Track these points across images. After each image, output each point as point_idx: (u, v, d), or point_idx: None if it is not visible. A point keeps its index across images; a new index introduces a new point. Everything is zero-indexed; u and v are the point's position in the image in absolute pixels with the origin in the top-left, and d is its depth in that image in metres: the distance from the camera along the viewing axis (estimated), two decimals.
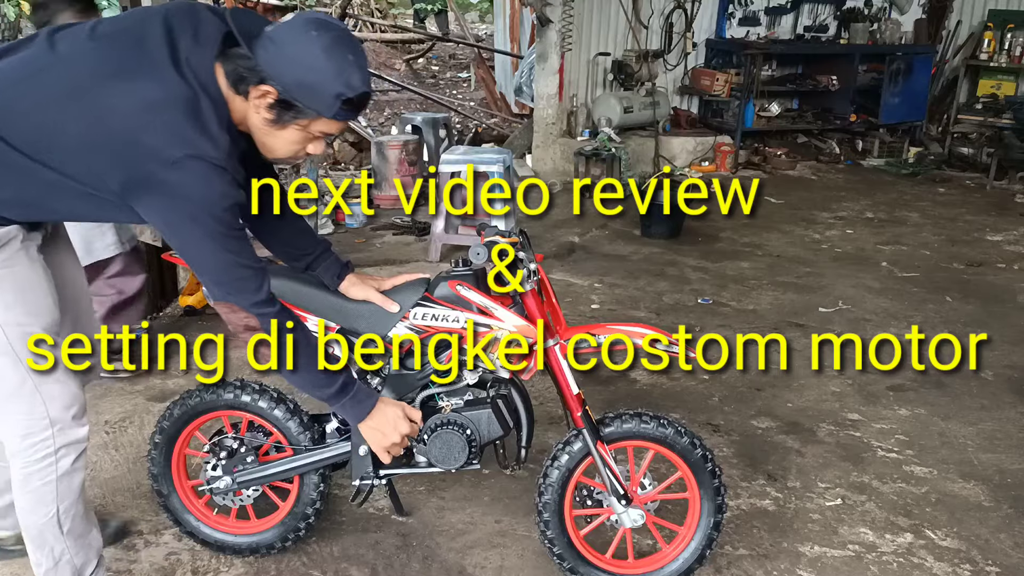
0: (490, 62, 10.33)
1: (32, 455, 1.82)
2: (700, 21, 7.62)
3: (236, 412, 2.19)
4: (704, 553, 2.14)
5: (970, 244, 5.35)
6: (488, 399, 2.08)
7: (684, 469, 2.10)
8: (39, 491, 1.86)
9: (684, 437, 2.07)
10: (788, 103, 8.10)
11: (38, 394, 1.80)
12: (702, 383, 3.37)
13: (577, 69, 7.21)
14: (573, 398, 2.04)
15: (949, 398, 3.29)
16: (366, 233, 5.39)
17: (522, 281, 1.93)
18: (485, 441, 2.09)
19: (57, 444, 1.83)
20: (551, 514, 2.12)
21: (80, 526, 1.94)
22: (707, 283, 4.59)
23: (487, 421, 2.06)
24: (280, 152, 1.73)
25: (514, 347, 1.97)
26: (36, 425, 1.81)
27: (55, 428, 1.82)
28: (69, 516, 1.91)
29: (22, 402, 1.80)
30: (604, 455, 2.05)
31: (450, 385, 2.08)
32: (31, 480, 1.84)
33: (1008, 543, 2.43)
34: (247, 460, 2.17)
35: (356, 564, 2.28)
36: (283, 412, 2.15)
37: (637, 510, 2.09)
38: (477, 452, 2.09)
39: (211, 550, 2.29)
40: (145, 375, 3.29)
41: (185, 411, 2.18)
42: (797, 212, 6.12)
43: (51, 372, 1.82)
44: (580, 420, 2.04)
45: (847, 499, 2.62)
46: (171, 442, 2.21)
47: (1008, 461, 2.85)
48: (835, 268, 4.86)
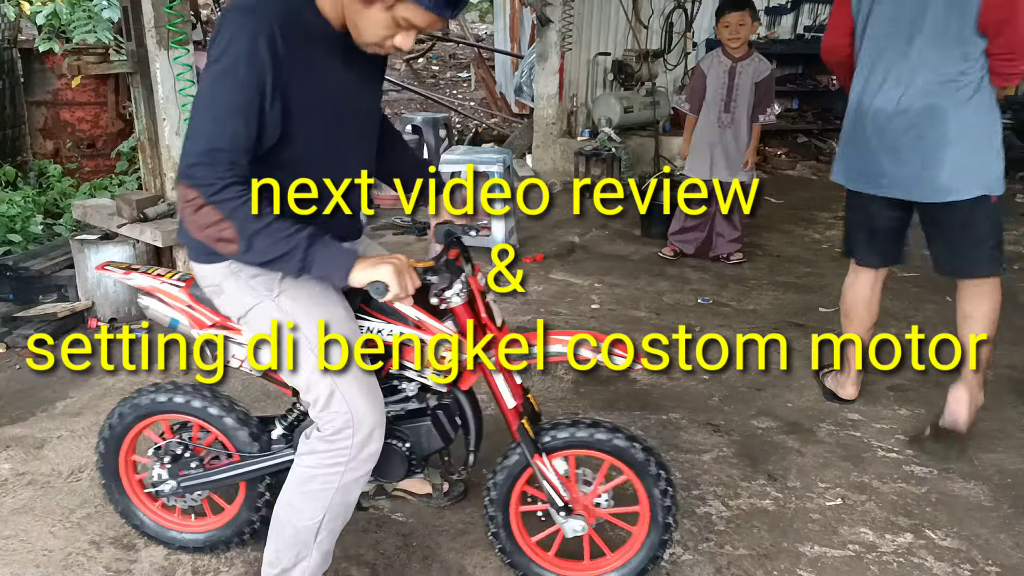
0: (490, 62, 10.33)
1: (325, 459, 1.83)
2: (700, 21, 7.63)
3: (183, 416, 2.17)
4: (654, 558, 2.12)
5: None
6: (428, 410, 2.05)
7: (629, 472, 2.06)
8: (316, 494, 1.85)
9: (621, 440, 2.03)
10: (788, 103, 8.11)
11: (346, 402, 1.81)
12: (702, 383, 3.37)
13: (577, 69, 7.22)
14: (508, 412, 2.02)
15: None
16: (366, 233, 5.37)
17: (455, 294, 1.88)
18: (425, 453, 2.08)
19: (353, 455, 1.82)
20: (499, 527, 2.14)
21: (330, 542, 1.94)
22: (707, 283, 4.60)
23: (427, 434, 2.04)
24: (367, 35, 1.68)
25: (446, 361, 1.93)
26: (343, 431, 1.81)
27: (356, 438, 1.82)
28: (329, 529, 1.90)
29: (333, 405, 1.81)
30: (542, 467, 2.03)
31: (388, 397, 2.03)
32: (312, 482, 1.85)
33: (1008, 543, 2.43)
34: (191, 466, 2.16)
35: (356, 564, 2.28)
36: (231, 419, 2.13)
37: (579, 520, 2.07)
38: (418, 463, 2.08)
39: (165, 547, 2.30)
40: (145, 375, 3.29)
41: (135, 414, 2.18)
42: (797, 212, 6.12)
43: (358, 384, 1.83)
44: (516, 433, 2.03)
45: (847, 499, 2.62)
46: (117, 446, 2.22)
47: (1008, 461, 2.85)
48: (835, 268, 4.85)
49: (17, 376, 3.41)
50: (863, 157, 2.86)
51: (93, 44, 4.65)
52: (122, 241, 3.91)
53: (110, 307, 3.89)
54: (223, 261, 1.82)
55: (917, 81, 2.65)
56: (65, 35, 5.24)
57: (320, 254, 1.64)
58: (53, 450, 2.82)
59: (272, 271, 1.76)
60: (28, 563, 2.27)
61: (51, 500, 2.55)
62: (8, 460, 2.77)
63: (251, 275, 1.83)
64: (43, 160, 5.99)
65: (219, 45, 1.60)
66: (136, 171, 5.45)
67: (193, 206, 1.59)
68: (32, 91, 5.98)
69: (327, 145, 1.80)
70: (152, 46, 3.81)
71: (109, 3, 4.92)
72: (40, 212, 5.04)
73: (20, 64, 5.98)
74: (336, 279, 1.68)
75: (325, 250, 1.65)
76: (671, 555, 2.34)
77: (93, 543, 2.36)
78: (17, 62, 5.96)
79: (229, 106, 1.59)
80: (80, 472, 2.69)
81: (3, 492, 2.59)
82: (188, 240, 1.87)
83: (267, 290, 1.83)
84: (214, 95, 1.61)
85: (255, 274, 1.82)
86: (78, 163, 6.01)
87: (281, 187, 1.75)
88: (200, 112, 1.62)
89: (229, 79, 1.59)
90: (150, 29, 3.79)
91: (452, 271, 1.89)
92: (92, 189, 5.58)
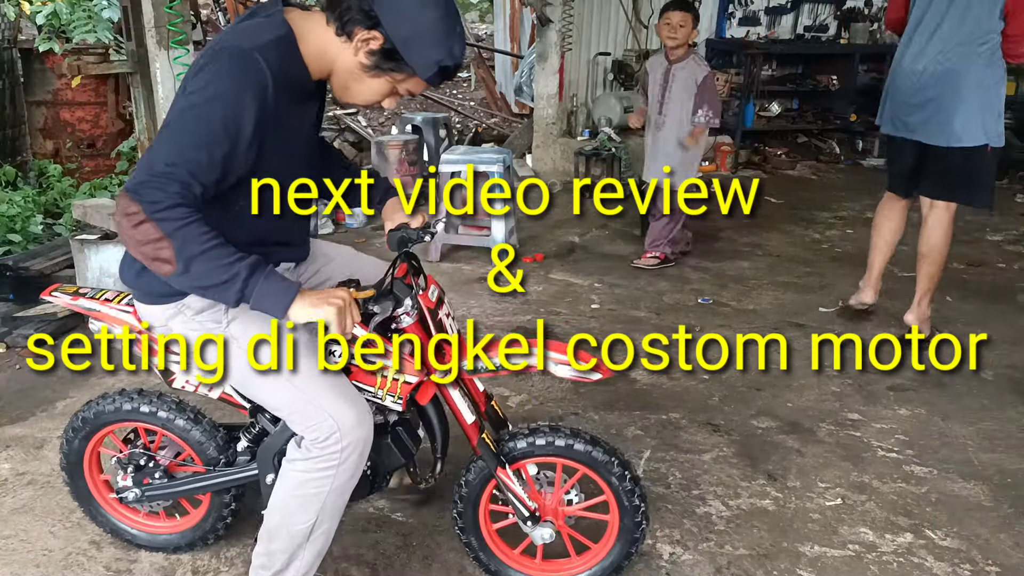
0: (490, 62, 10.33)
1: (318, 463, 1.82)
2: (700, 21, 7.61)
3: (148, 425, 2.16)
4: (628, 554, 2.12)
5: (970, 244, 5.35)
6: (388, 427, 2.01)
7: (592, 475, 2.06)
8: (311, 497, 1.85)
9: (580, 444, 2.02)
10: (788, 103, 8.10)
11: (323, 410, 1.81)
12: (702, 383, 3.37)
13: (577, 69, 7.21)
14: (468, 427, 2.02)
15: (949, 398, 3.29)
16: (366, 233, 5.40)
17: (404, 314, 1.87)
18: (387, 470, 2.08)
19: (344, 457, 1.82)
20: (470, 535, 2.16)
21: (322, 543, 1.94)
22: (707, 283, 4.59)
23: (387, 452, 2.01)
24: (360, 97, 1.75)
25: (401, 383, 1.90)
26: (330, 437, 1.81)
27: (344, 442, 1.81)
28: (322, 530, 1.91)
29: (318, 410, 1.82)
30: (504, 479, 2.04)
31: None
32: (306, 486, 1.85)
33: (1008, 543, 2.43)
34: (155, 476, 2.16)
35: (356, 564, 2.28)
36: (198, 431, 2.12)
37: (547, 528, 2.07)
38: (381, 479, 2.09)
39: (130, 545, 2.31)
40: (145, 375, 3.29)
41: (97, 420, 2.17)
42: (797, 212, 6.12)
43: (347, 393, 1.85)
44: (475, 446, 2.03)
45: (847, 499, 2.62)
46: (80, 456, 2.22)
47: (1008, 461, 2.85)
48: (835, 268, 4.86)
49: (17, 376, 3.41)
50: (897, 107, 3.64)
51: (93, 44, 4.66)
52: (122, 241, 3.90)
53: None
54: (168, 303, 1.83)
55: (943, 50, 3.42)
56: (65, 35, 5.25)
57: (260, 287, 1.59)
58: (53, 450, 2.82)
59: (211, 300, 1.74)
60: (28, 563, 2.28)
61: (51, 500, 2.55)
62: (8, 460, 2.77)
63: (196, 311, 1.82)
64: (43, 160, 5.99)
65: (202, 78, 1.59)
66: None
67: (133, 221, 1.54)
68: (32, 91, 5.98)
69: (281, 177, 1.79)
70: (152, 46, 3.82)
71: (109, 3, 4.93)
72: (40, 212, 5.04)
73: (20, 64, 5.98)
74: (275, 313, 1.63)
75: (266, 282, 1.60)
76: (671, 555, 2.34)
77: (93, 543, 2.36)
78: (17, 62, 5.96)
79: (195, 140, 1.57)
80: None
81: (3, 492, 2.59)
82: (130, 281, 1.87)
83: (215, 323, 1.82)
84: (183, 124, 1.59)
85: (200, 309, 1.81)
86: (78, 163, 6.01)
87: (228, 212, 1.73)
88: (163, 137, 1.60)
89: (203, 115, 1.57)
90: (150, 29, 3.79)
91: (398, 293, 1.86)
92: (92, 189, 5.58)
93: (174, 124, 1.60)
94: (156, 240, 1.54)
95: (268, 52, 1.60)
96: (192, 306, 1.81)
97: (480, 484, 2.11)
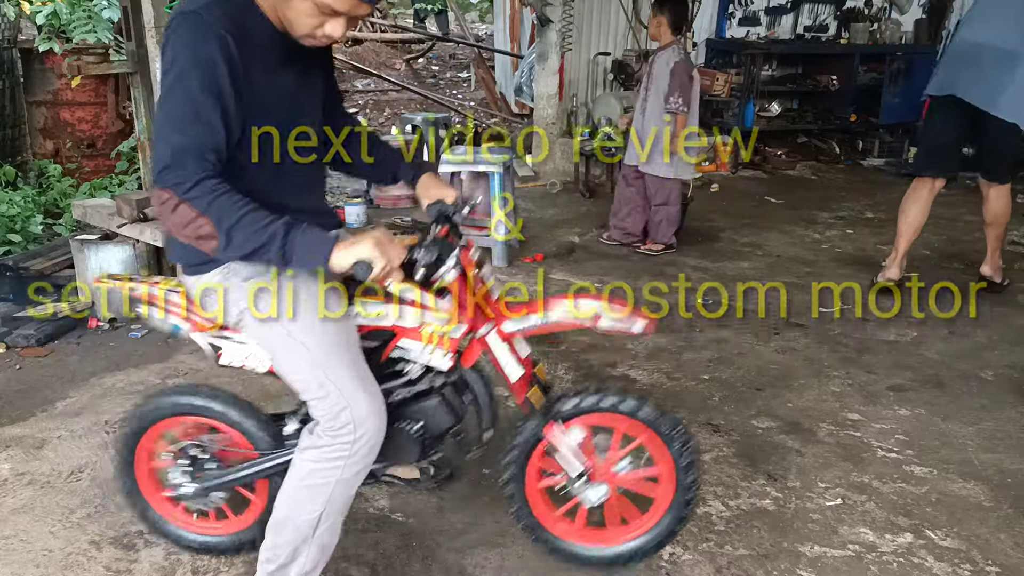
0: (490, 62, 10.33)
1: (327, 453, 1.83)
2: (700, 21, 7.62)
3: (201, 419, 2.16)
4: (680, 519, 2.12)
5: (970, 244, 5.34)
6: (436, 389, 2.03)
7: (647, 436, 2.04)
8: (317, 488, 1.86)
9: (631, 402, 2.02)
10: (788, 103, 8.11)
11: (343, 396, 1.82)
12: (702, 383, 3.37)
13: (577, 69, 7.22)
14: (513, 384, 2.02)
15: (949, 398, 3.29)
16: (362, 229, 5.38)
17: (447, 270, 1.87)
18: (437, 432, 2.05)
19: (354, 448, 1.83)
20: (518, 503, 2.14)
21: (328, 536, 1.95)
22: (707, 283, 4.59)
23: (435, 413, 2.01)
24: (298, 28, 1.69)
25: (447, 339, 1.92)
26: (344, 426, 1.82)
27: (358, 432, 1.82)
28: (328, 523, 1.91)
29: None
30: (555, 436, 2.03)
31: (394, 382, 2.02)
32: (313, 476, 1.85)
33: (1008, 543, 2.43)
34: (208, 467, 2.16)
35: (356, 564, 2.28)
36: (250, 421, 2.12)
37: (600, 487, 2.06)
38: (432, 443, 2.06)
39: (199, 554, 2.28)
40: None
41: (143, 420, 2.16)
42: (797, 212, 6.12)
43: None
44: (523, 404, 2.03)
45: (847, 499, 2.62)
46: (131, 455, 2.20)
47: (1008, 461, 2.85)
48: (835, 268, 4.86)
49: (17, 376, 3.41)
50: (953, 70, 4.01)
51: (93, 44, 4.65)
52: (122, 241, 3.90)
53: (110, 307, 3.88)
54: (213, 269, 1.84)
55: (1006, 35, 3.81)
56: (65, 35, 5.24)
57: (299, 241, 1.63)
58: (53, 450, 2.82)
59: (257, 264, 1.76)
60: (28, 563, 2.28)
61: (51, 500, 2.55)
62: (8, 460, 2.77)
63: (243, 278, 1.84)
64: (43, 160, 5.98)
65: (167, 58, 1.62)
66: (136, 171, 5.46)
67: (169, 207, 1.61)
68: (32, 91, 5.98)
69: (280, 146, 1.80)
70: (152, 46, 3.81)
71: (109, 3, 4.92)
72: (40, 212, 5.04)
73: (20, 64, 5.97)
74: (317, 263, 1.65)
75: (303, 236, 1.64)
76: (671, 555, 2.34)
77: (93, 543, 2.36)
78: (17, 62, 5.96)
79: (185, 113, 1.60)
80: (80, 472, 2.69)
81: (3, 492, 2.59)
82: (175, 253, 1.90)
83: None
84: (172, 105, 1.62)
85: (248, 276, 1.83)
86: (78, 163, 6.01)
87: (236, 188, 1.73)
88: (160, 124, 1.64)
89: (183, 89, 1.60)
90: (150, 29, 3.79)
91: (441, 247, 1.87)
92: (92, 189, 5.58)
93: (164, 108, 1.64)
94: (194, 219, 1.60)
95: (212, 9, 1.61)
96: (239, 272, 1.83)
97: (527, 446, 2.08)
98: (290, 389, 1.91)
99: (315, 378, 1.82)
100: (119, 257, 3.85)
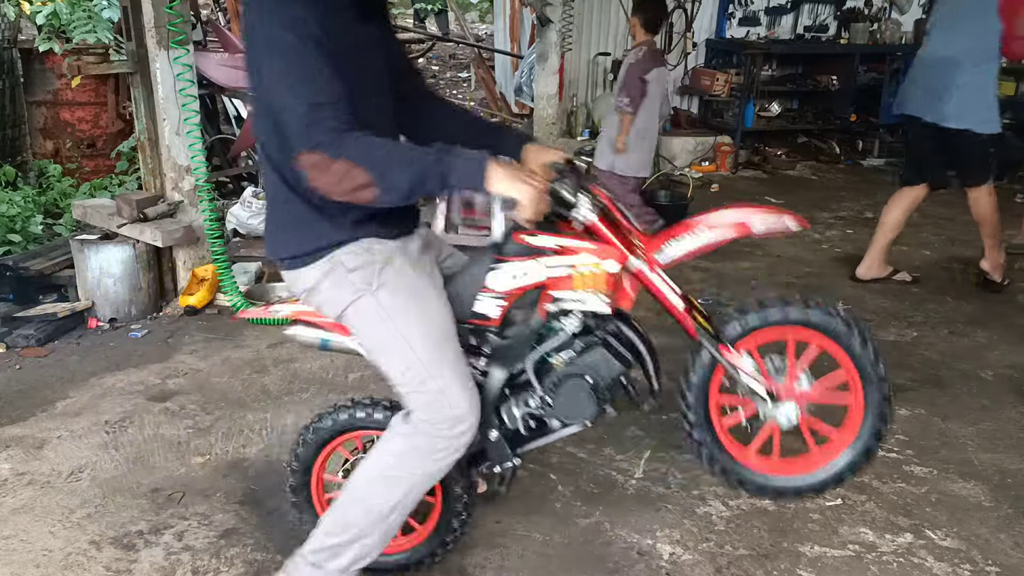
0: (490, 62, 10.33)
1: (418, 442, 1.82)
2: (700, 21, 7.61)
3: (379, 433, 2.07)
4: (876, 438, 2.03)
5: (970, 244, 5.34)
6: (598, 339, 1.96)
7: (829, 346, 1.95)
8: (400, 479, 1.85)
9: (799, 309, 1.94)
10: (788, 103, 8.10)
11: (444, 395, 1.81)
12: None
13: (577, 69, 7.21)
14: (679, 312, 1.97)
15: (949, 398, 3.29)
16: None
17: (587, 211, 1.84)
18: (608, 383, 1.97)
19: (445, 444, 1.82)
20: (702, 433, 2.08)
21: (395, 528, 1.94)
22: (707, 283, 4.59)
23: (604, 361, 1.94)
24: None
25: (603, 279, 1.86)
26: (445, 421, 1.81)
27: (461, 427, 1.82)
28: (396, 513, 1.89)
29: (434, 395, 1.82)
30: (731, 359, 1.97)
31: (555, 340, 1.96)
32: (398, 467, 1.84)
33: (1008, 543, 2.43)
34: None
35: None
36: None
37: (790, 405, 1.98)
38: (605, 396, 1.98)
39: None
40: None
41: (321, 434, 2.11)
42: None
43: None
44: (694, 332, 1.98)
45: (847, 499, 2.62)
46: (308, 467, 2.15)
47: (1008, 461, 2.85)
48: (835, 268, 4.86)
49: (17, 376, 3.40)
50: (909, 87, 4.26)
51: (93, 44, 4.64)
52: (122, 241, 3.90)
53: (110, 307, 3.88)
54: (321, 258, 1.82)
55: (951, 45, 3.97)
56: (65, 35, 5.23)
57: (454, 166, 1.63)
58: (53, 450, 2.82)
59: (419, 196, 1.73)
60: (28, 563, 2.28)
61: (51, 500, 2.55)
62: (8, 460, 2.77)
63: (349, 270, 1.81)
64: (43, 160, 5.98)
65: (257, 26, 1.63)
66: (136, 171, 5.45)
67: (322, 168, 1.59)
68: (32, 91, 5.98)
69: (356, 106, 1.74)
70: (152, 46, 3.81)
71: (109, 3, 4.92)
72: (40, 212, 5.03)
73: (20, 64, 5.97)
74: (476, 184, 1.65)
75: (456, 160, 1.63)
76: (671, 555, 2.34)
77: (93, 543, 2.36)
78: (17, 62, 5.95)
79: (300, 72, 1.59)
80: (80, 472, 2.69)
81: (3, 492, 2.59)
82: (277, 250, 1.88)
83: (366, 284, 1.81)
84: (284, 68, 1.60)
85: (353, 268, 1.81)
86: (78, 163, 6.01)
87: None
88: (279, 92, 1.62)
89: (285, 48, 1.60)
90: (150, 29, 3.79)
91: (575, 184, 1.85)
92: (92, 189, 5.57)
93: (277, 74, 1.62)
94: (349, 171, 1.59)
95: None
96: (345, 263, 1.81)
97: (705, 377, 2.02)
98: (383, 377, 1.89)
99: (417, 375, 1.80)
100: (119, 257, 3.85)
